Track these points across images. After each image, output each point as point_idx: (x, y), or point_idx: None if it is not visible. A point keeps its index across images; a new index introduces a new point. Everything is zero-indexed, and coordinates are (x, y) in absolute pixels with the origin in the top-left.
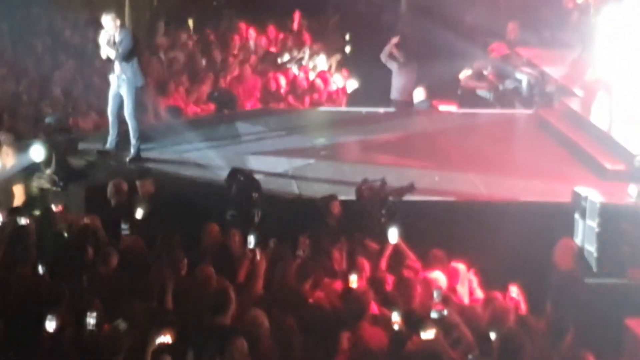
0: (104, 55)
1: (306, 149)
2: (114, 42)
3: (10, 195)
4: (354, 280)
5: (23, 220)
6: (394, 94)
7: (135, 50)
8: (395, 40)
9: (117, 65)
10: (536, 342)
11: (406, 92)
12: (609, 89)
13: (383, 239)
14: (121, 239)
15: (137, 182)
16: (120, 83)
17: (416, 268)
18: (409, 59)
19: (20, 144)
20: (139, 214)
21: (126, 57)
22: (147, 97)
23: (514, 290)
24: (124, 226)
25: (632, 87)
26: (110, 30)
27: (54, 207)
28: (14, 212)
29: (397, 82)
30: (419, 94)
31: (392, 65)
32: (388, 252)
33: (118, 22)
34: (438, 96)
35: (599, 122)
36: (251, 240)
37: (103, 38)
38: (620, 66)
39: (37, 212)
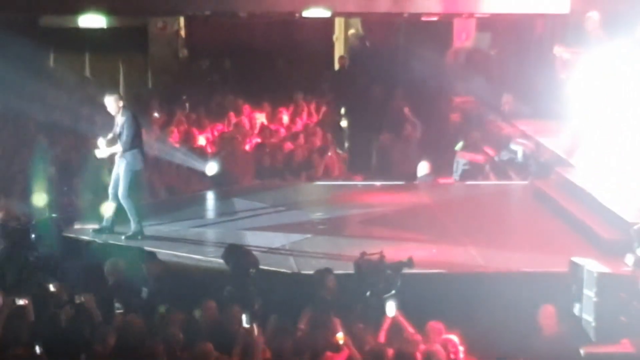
0: (99, 155)
1: (303, 223)
2: (116, 124)
3: None
4: (340, 338)
5: (21, 301)
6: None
7: (138, 133)
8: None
9: (118, 147)
10: None
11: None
12: (605, 157)
13: (381, 312)
14: (116, 318)
15: (142, 265)
16: (119, 163)
17: (416, 340)
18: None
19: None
20: (144, 293)
21: (130, 141)
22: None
23: None
24: (118, 305)
25: (629, 155)
26: (112, 111)
27: (50, 287)
28: (11, 291)
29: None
30: (423, 168)
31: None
32: (386, 325)
33: (121, 104)
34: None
35: (596, 192)
36: (245, 318)
37: (102, 141)
38: (617, 135)
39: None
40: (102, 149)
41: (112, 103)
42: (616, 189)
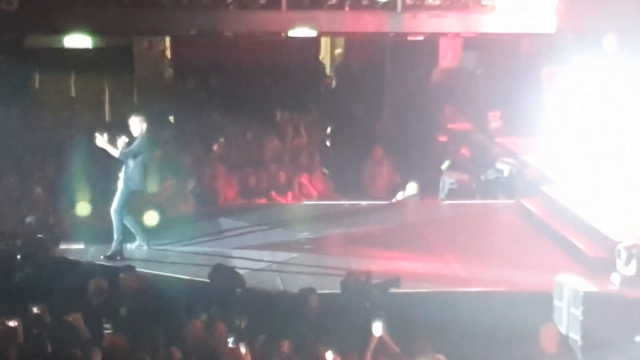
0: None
1: (290, 242)
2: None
3: None
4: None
5: (11, 322)
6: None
7: (144, 156)
8: None
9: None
10: None
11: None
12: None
13: (368, 332)
14: (104, 338)
15: (120, 276)
16: (121, 178)
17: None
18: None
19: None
20: (123, 311)
21: (129, 158)
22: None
23: None
24: (106, 325)
25: (614, 173)
26: (135, 132)
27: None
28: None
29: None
30: (411, 188)
31: None
32: (373, 344)
33: (144, 126)
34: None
35: (582, 211)
36: (231, 339)
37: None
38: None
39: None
40: (102, 139)
41: (136, 124)
42: (602, 207)
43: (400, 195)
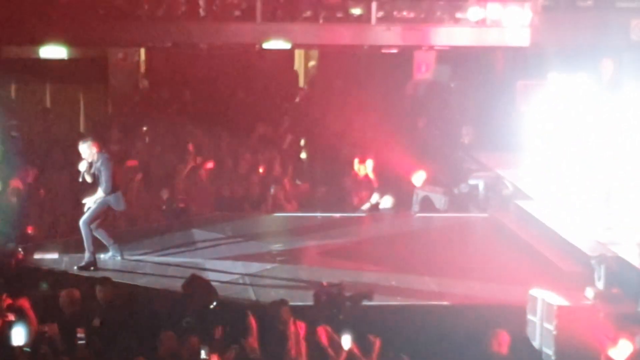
0: (86, 207)
1: (262, 254)
2: (91, 167)
3: None
4: None
5: None
6: None
7: (115, 174)
8: None
9: (100, 193)
10: None
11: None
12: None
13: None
14: (77, 349)
15: (97, 287)
16: (99, 197)
17: None
18: None
19: None
20: (96, 322)
21: (110, 184)
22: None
23: None
24: (80, 335)
25: (588, 187)
26: (88, 158)
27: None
28: None
29: None
30: (386, 201)
31: None
32: (342, 357)
33: (95, 149)
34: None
35: (555, 224)
36: (203, 350)
37: (83, 166)
38: (576, 167)
39: None
40: (88, 200)
41: (85, 150)
42: (576, 221)
43: (375, 198)
